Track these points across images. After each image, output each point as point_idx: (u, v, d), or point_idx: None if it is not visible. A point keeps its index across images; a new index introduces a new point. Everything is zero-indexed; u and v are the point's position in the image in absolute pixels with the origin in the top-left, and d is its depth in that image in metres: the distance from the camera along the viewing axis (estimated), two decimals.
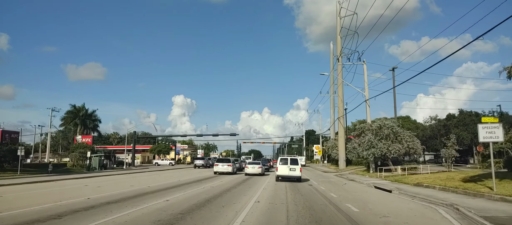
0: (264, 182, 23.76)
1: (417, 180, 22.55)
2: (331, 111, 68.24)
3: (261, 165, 32.07)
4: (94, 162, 49.29)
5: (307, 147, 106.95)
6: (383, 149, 28.25)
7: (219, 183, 21.77)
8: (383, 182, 24.14)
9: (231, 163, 34.15)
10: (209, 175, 32.23)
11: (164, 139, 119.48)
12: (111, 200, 12.44)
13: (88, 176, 29.46)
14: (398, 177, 26.50)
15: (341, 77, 50.89)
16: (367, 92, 33.65)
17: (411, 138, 29.25)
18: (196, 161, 54.28)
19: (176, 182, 22.66)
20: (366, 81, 33.73)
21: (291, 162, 23.53)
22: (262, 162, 37.52)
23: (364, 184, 23.70)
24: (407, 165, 28.21)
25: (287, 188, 19.12)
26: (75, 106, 67.65)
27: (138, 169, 51.70)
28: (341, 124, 49.71)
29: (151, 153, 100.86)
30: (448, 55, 53.15)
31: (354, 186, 21.57)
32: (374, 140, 28.90)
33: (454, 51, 28.17)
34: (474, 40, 13.06)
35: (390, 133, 28.44)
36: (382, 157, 29.18)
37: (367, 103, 33.38)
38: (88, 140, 64.44)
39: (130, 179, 25.52)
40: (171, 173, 34.84)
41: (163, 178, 26.50)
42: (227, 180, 25.43)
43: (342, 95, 50.85)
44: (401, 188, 19.35)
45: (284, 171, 23.31)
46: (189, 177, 28.63)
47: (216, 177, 28.60)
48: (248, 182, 23.75)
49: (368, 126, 30.43)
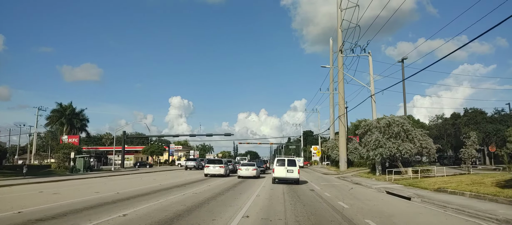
0: (259, 186, 20.58)
1: (436, 184, 19.42)
2: (330, 110, 65.19)
3: (256, 166, 28.88)
4: (78, 164, 46.26)
5: (305, 147, 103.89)
6: (392, 149, 25.13)
7: (205, 188, 18.54)
8: (395, 186, 21.01)
9: (224, 164, 30.93)
10: (198, 177, 28.99)
11: (158, 140, 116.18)
12: (51, 214, 9.22)
13: (62, 179, 26.14)
14: (410, 180, 23.39)
15: (342, 73, 47.81)
16: (373, 86, 30.54)
17: (424, 136, 26.15)
18: (187, 162, 50.95)
19: (156, 186, 19.41)
20: (371, 75, 30.63)
21: (289, 163, 21.93)
22: (257, 163, 34.35)
23: (373, 188, 20.58)
24: (420, 167, 25.09)
25: (285, 194, 15.93)
26: (61, 105, 64.09)
27: (124, 171, 48.35)
28: (342, 123, 46.59)
29: (144, 154, 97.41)
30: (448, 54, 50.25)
31: (363, 192, 18.40)
32: (382, 138, 25.77)
33: (452, 51, 25.95)
34: (470, 42, 10.10)
35: (401, 131, 25.31)
36: (390, 157, 26.05)
37: (373, 99, 30.26)
38: (75, 140, 60.91)
39: (103, 183, 22.24)
40: (156, 176, 31.54)
41: (143, 182, 23.24)
42: (216, 184, 22.21)
43: (343, 92, 47.75)
44: (420, 194, 16.22)
45: (281, 172, 21.69)
46: (174, 180, 25.38)
47: (205, 180, 25.37)
48: (240, 186, 20.56)
49: (375, 123, 27.29)
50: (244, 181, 25.52)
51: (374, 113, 30.15)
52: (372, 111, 30.35)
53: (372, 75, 30.66)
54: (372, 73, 30.71)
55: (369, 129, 27.61)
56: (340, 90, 47.88)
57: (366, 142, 27.44)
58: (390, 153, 25.31)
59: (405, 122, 25.61)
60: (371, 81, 30.42)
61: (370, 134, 27.50)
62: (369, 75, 31.06)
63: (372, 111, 30.29)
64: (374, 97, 30.34)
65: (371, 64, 30.82)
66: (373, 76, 30.68)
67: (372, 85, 30.45)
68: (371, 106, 30.42)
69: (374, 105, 30.31)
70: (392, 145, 25.29)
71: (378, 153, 25.80)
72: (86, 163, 46.93)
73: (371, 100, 30.39)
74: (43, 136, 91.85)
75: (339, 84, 48.10)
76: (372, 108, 30.31)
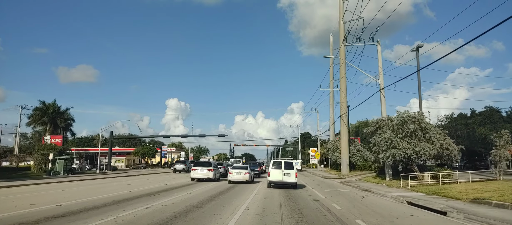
0: (250, 194, 16.91)
1: (468, 193, 15.83)
2: (330, 110, 61.54)
3: (249, 170, 25.19)
4: (58, 166, 42.59)
5: (303, 150, 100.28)
6: (407, 150, 21.51)
7: (183, 197, 14.84)
8: (415, 195, 17.40)
9: (213, 167, 27.20)
10: (183, 182, 25.26)
11: (152, 141, 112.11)
12: None
13: (23, 184, 22.37)
14: (430, 187, 19.81)
15: (344, 68, 44.25)
16: (382, 79, 26.95)
17: (443, 135, 22.58)
18: (176, 164, 47.10)
19: (121, 195, 15.67)
20: (380, 66, 27.04)
21: (285, 166, 20.33)
22: (251, 166, 30.65)
23: (389, 197, 16.97)
24: (439, 171, 21.48)
25: (282, 207, 12.25)
26: (44, 103, 60.08)
27: (111, 174, 44.60)
28: (344, 122, 42.94)
29: (135, 155, 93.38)
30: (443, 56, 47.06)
31: (380, 203, 14.76)
32: (395, 138, 22.16)
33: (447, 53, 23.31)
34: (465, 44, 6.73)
35: (417, 129, 21.70)
36: (405, 160, 22.44)
37: (382, 93, 26.66)
38: (58, 140, 56.91)
39: (61, 190, 18.49)
40: (134, 181, 27.75)
41: (112, 188, 19.47)
42: (200, 190, 18.49)
43: (345, 89, 44.14)
44: (455, 206, 12.62)
45: (277, 176, 20.08)
46: (151, 186, 21.62)
47: (189, 186, 21.65)
48: (227, 194, 16.85)
49: (386, 120, 23.68)
50: (235, 186, 21.83)
51: (383, 109, 26.55)
52: (381, 108, 26.77)
53: (381, 66, 27.09)
54: (381, 64, 27.15)
55: (379, 127, 23.98)
56: (342, 88, 44.28)
57: (375, 142, 23.82)
58: (404, 155, 21.68)
59: (423, 119, 22.01)
60: (380, 74, 26.84)
61: (380, 132, 23.88)
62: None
63: (381, 107, 26.70)
64: (383, 92, 26.75)
65: (379, 55, 27.26)
66: (382, 68, 27.09)
67: (381, 78, 26.87)
68: (380, 102, 26.85)
69: (383, 101, 26.70)
70: (407, 146, 21.67)
71: (390, 155, 22.17)
72: (67, 165, 43.26)
73: (380, 95, 26.80)
74: (30, 136, 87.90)
75: (341, 81, 44.51)
76: (381, 104, 26.73)
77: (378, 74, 26.98)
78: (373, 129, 24.70)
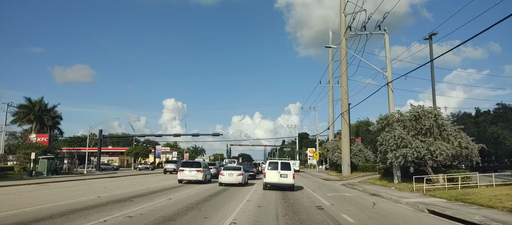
0: (242, 199, 14.33)
1: (500, 200, 13.31)
2: (330, 109, 58.97)
3: (242, 171, 22.60)
4: (41, 166, 39.91)
5: (300, 150, 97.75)
6: (421, 149, 18.96)
7: (159, 205, 12.22)
8: (434, 201, 14.88)
9: (202, 167, 24.57)
10: (168, 185, 22.64)
11: (147, 141, 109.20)
12: None
13: None
14: (449, 191, 17.28)
15: (345, 64, 41.76)
16: (390, 71, 24.39)
17: (460, 133, 20.08)
18: (166, 165, 44.42)
19: (87, 201, 13.03)
20: (388, 57, 24.49)
21: (282, 167, 19.38)
22: (245, 167, 28.07)
23: (404, 204, 14.47)
24: (457, 173, 18.95)
25: (279, 220, 9.67)
26: (30, 100, 57.13)
27: (99, 174, 42.00)
28: (345, 120, 40.41)
29: (127, 155, 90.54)
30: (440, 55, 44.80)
31: (397, 212, 12.22)
32: (406, 135, 19.62)
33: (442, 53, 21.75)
34: None
35: (433, 126, 19.15)
36: (418, 160, 19.91)
37: (390, 87, 24.12)
38: (44, 139, 54.09)
39: (21, 195, 15.84)
40: (111, 183, 25.11)
41: (82, 193, 16.81)
42: (183, 196, 15.88)
43: (346, 86, 41.63)
44: (493, 217, 10.11)
45: (274, 177, 19.11)
46: (130, 189, 18.97)
47: (173, 189, 19.03)
48: (214, 200, 14.25)
49: (396, 116, 21.13)
50: (225, 190, 19.23)
51: (391, 104, 24.00)
52: (388, 103, 24.21)
53: (389, 58, 24.54)
54: (389, 55, 24.60)
55: (388, 123, 21.42)
56: (343, 84, 41.78)
57: (383, 140, 21.27)
58: (417, 155, 19.13)
59: (439, 114, 19.47)
60: (388, 66, 24.28)
61: (389, 129, 21.34)
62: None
63: (389, 103, 24.16)
64: (391, 86, 24.21)
65: (387, 45, 24.72)
66: (389, 59, 24.55)
67: (389, 70, 24.29)
68: (387, 97, 24.30)
69: (391, 95, 24.16)
70: (421, 144, 19.12)
71: (400, 155, 19.61)
72: (51, 165, 40.65)
73: (388, 89, 24.25)
74: (19, 135, 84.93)
75: (342, 77, 42.02)
76: (389, 99, 24.19)
77: (386, 66, 24.43)
78: (380, 126, 22.15)
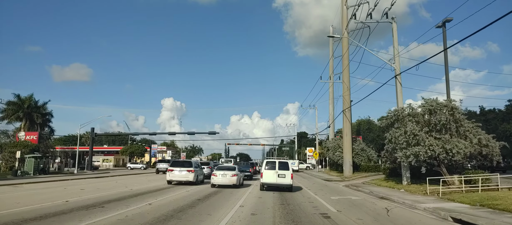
0: (235, 205, 12.33)
1: None
2: (330, 107, 56.89)
3: (237, 171, 20.60)
4: (28, 165, 37.97)
5: (299, 149, 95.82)
6: (435, 148, 16.98)
7: (135, 212, 10.22)
8: (455, 206, 12.92)
9: (194, 167, 22.55)
10: (155, 186, 20.63)
11: (143, 140, 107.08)
12: None
13: None
14: (467, 194, 15.35)
15: (347, 58, 39.79)
16: (398, 63, 22.37)
17: (477, 129, 18.11)
18: (158, 164, 42.35)
19: (49, 207, 11.01)
20: (396, 47, 22.48)
21: (280, 166, 18.55)
22: (241, 166, 26.10)
23: (422, 210, 12.53)
24: (476, 175, 16.98)
25: None
26: (19, 97, 54.96)
27: (83, 174, 39.84)
28: (347, 118, 38.44)
29: (123, 154, 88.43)
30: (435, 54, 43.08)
31: (417, 221, 10.24)
32: (419, 132, 17.63)
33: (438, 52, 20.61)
34: None
35: (450, 121, 17.16)
36: (431, 160, 17.93)
37: (398, 80, 22.12)
38: (33, 137, 52.04)
39: None
40: (91, 184, 23.09)
41: (51, 196, 14.79)
42: (167, 200, 13.86)
43: (348, 82, 39.68)
44: None
45: (271, 177, 18.35)
46: (111, 191, 16.94)
47: (159, 192, 17.01)
48: (202, 205, 12.23)
49: (408, 110, 19.13)
50: (218, 192, 17.22)
51: (399, 98, 22.00)
52: (396, 98, 22.21)
53: (397, 48, 22.52)
54: (397, 45, 22.58)
55: (398, 119, 19.41)
56: (345, 80, 39.83)
57: (392, 138, 19.29)
58: (431, 154, 17.14)
59: (457, 107, 17.48)
60: (396, 57, 22.27)
61: (398, 126, 19.36)
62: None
63: (397, 97, 22.16)
64: (400, 79, 22.21)
65: (395, 34, 22.69)
66: (398, 50, 22.54)
67: (398, 62, 22.27)
68: (396, 91, 22.30)
69: (399, 89, 22.15)
70: (435, 142, 17.13)
71: (411, 154, 17.62)
72: (39, 164, 38.73)
73: (396, 82, 22.25)
74: (11, 133, 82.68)
75: (344, 72, 40.07)
76: (397, 94, 22.19)
77: (393, 57, 22.44)
78: (389, 122, 20.16)
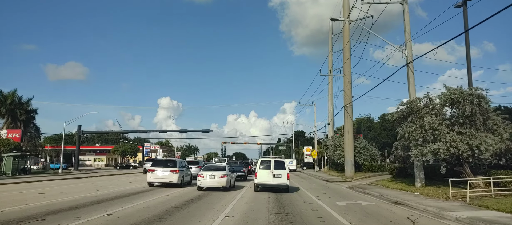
0: (218, 215, 9.70)
1: None
2: (329, 103, 54.32)
3: (227, 172, 17.96)
4: (6, 165, 35.39)
5: (297, 149, 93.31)
6: (459, 144, 14.37)
7: None
8: (493, 216, 10.38)
9: (179, 167, 19.83)
10: (132, 189, 17.94)
11: (137, 138, 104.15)
12: None
13: None
14: (500, 199, 12.78)
15: (348, 50, 37.25)
16: (411, 49, 19.76)
17: (507, 123, 15.54)
18: (146, 164, 39.51)
19: None
20: (408, 32, 19.86)
21: (276, 166, 17.73)
22: (233, 166, 23.45)
23: (453, 220, 10.10)
24: (506, 176, 14.40)
25: None
26: (1, 92, 51.98)
27: (66, 174, 37.27)
28: (349, 114, 35.85)
29: (114, 153, 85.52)
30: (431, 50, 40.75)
31: None
32: (439, 126, 15.02)
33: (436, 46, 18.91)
34: None
35: (476, 112, 14.56)
36: (451, 158, 15.34)
37: (411, 68, 19.49)
38: (16, 135, 49.10)
39: None
40: (57, 187, 20.37)
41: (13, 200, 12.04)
42: (135, 209, 11.16)
43: (349, 75, 37.12)
44: None
45: (266, 178, 17.48)
46: (76, 196, 14.20)
47: (133, 196, 14.32)
48: (177, 217, 9.58)
49: (425, 101, 16.51)
50: (202, 197, 14.54)
51: (412, 89, 19.37)
52: (408, 88, 19.58)
53: (409, 33, 19.90)
54: (409, 30, 19.96)
55: (412, 111, 16.79)
56: (346, 73, 37.27)
57: (406, 133, 16.67)
58: (454, 151, 14.53)
59: (484, 96, 14.88)
60: (408, 42, 19.65)
61: (412, 119, 16.75)
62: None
63: (409, 87, 19.54)
64: (412, 67, 19.60)
65: (407, 17, 20.01)
66: (410, 34, 19.92)
67: (410, 47, 19.64)
68: (407, 81, 19.69)
69: (412, 79, 19.54)
70: (459, 138, 14.53)
71: (429, 151, 15.01)
72: (19, 164, 36.28)
73: (408, 71, 19.63)
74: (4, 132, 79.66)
75: (345, 65, 37.51)
76: (409, 84, 19.57)
77: (405, 43, 19.82)
78: (400, 115, 17.53)
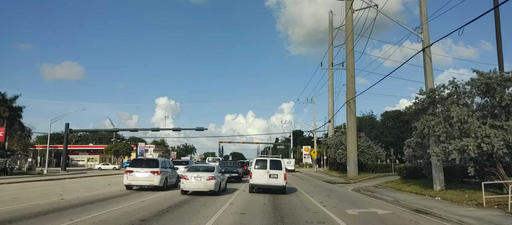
0: None
1: None
2: (329, 100, 51.83)
3: (216, 173, 15.38)
4: None
5: (295, 148, 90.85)
6: (493, 140, 11.84)
7: None
8: None
9: (160, 168, 17.20)
10: (103, 194, 15.34)
11: (131, 138, 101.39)
12: None
13: None
14: None
15: (351, 41, 34.75)
16: (427, 32, 17.22)
17: None
18: None
19: None
20: (424, 13, 17.32)
21: (272, 166, 16.62)
22: (226, 166, 20.86)
23: None
24: None
25: None
26: None
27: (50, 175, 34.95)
28: (352, 110, 33.32)
29: (107, 153, 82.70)
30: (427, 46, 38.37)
31: None
32: (470, 118, 12.48)
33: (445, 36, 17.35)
34: None
35: None
36: (481, 157, 12.80)
37: (427, 54, 16.95)
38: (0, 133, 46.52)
39: None
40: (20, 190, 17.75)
41: None
42: (94, 220, 8.57)
43: (352, 69, 34.59)
44: None
45: (261, 178, 16.44)
46: (29, 203, 11.58)
47: (99, 203, 11.75)
48: None
49: (451, 89, 13.95)
50: (183, 204, 11.96)
51: (429, 77, 16.84)
52: (425, 76, 17.04)
53: (426, 13, 17.35)
54: (426, 11, 17.42)
55: (433, 102, 14.25)
56: (349, 67, 34.73)
57: (425, 127, 14.10)
58: (487, 149, 11.99)
59: None
60: (424, 24, 17.11)
61: (433, 112, 14.20)
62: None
63: (426, 75, 17.01)
64: (429, 53, 17.07)
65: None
66: (427, 16, 17.38)
67: (426, 31, 17.08)
68: (424, 68, 17.16)
69: (429, 66, 17.00)
70: (493, 131, 11.99)
71: (454, 149, 12.46)
72: None
73: (424, 57, 17.10)
74: None
75: (348, 58, 34.97)
76: (426, 71, 17.05)
77: (421, 25, 17.28)
78: (420, 107, 14.97)
